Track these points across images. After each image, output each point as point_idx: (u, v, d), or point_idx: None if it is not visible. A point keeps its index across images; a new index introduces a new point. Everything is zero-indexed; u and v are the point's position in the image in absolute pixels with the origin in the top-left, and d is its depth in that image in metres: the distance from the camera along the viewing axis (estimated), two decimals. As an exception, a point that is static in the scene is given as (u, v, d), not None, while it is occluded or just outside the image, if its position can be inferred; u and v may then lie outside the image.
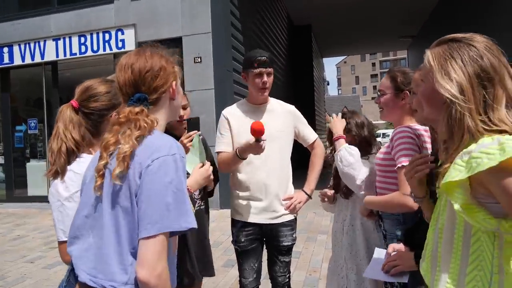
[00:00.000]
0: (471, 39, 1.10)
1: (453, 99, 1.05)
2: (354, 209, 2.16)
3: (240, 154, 2.16)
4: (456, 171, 1.02)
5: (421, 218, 1.66)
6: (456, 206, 1.04)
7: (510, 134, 1.00)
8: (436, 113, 1.15)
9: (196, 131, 2.11)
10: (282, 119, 2.39)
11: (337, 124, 2.20)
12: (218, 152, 2.36)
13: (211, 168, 1.83)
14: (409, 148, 1.68)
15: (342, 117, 2.27)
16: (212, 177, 1.90)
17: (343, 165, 2.04)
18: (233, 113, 2.41)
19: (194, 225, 1.10)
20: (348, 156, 2.03)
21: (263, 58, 2.28)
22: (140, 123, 1.16)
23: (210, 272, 2.43)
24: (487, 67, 1.05)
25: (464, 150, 1.03)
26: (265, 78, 2.28)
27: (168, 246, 1.10)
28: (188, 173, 1.90)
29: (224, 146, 2.34)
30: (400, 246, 1.65)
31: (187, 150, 2.13)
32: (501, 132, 1.01)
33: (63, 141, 1.45)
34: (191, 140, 2.11)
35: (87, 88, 1.53)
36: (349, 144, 2.12)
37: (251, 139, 2.06)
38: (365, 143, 2.18)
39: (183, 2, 7.58)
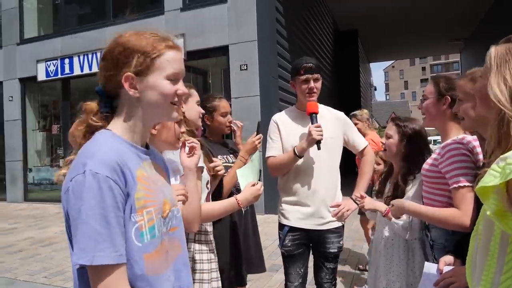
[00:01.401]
0: None
1: (501, 106, 1.03)
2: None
3: (298, 152, 2.22)
4: (491, 177, 1.01)
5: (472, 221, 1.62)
6: (489, 212, 1.02)
7: None
8: (487, 112, 1.12)
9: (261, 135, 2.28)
10: (332, 126, 2.40)
11: (373, 204, 2.12)
12: (268, 157, 2.41)
13: (262, 187, 1.86)
14: (465, 167, 1.63)
15: (393, 122, 2.21)
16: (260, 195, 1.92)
17: (400, 232, 2.03)
18: (283, 119, 2.46)
19: (84, 262, 0.89)
20: (403, 227, 2.01)
21: (309, 64, 2.32)
22: (82, 126, 1.06)
23: (261, 269, 2.51)
24: None
25: (502, 156, 1.01)
26: (312, 84, 2.32)
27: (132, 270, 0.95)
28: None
29: (274, 151, 2.39)
30: (450, 259, 1.61)
31: (255, 150, 2.26)
32: None
33: None
34: (260, 141, 2.28)
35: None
36: (406, 154, 2.09)
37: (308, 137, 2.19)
38: (422, 154, 2.07)
39: (230, 11, 7.79)
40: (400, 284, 2.01)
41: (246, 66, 7.58)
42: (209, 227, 1.89)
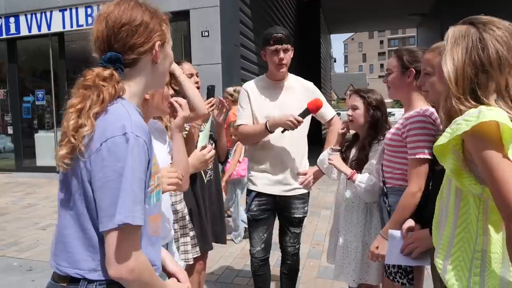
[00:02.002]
0: (489, 25, 1.12)
1: (447, 80, 1.12)
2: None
3: (270, 127, 2.25)
4: (443, 137, 1.11)
5: (428, 194, 1.73)
6: (447, 170, 1.14)
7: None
8: (443, 87, 1.19)
9: (214, 97, 2.22)
10: (301, 96, 2.43)
11: (341, 165, 2.16)
12: (239, 125, 2.42)
13: (211, 152, 1.84)
14: (425, 140, 1.71)
15: (357, 94, 2.26)
16: (210, 161, 1.90)
17: (362, 194, 2.09)
18: (253, 87, 2.46)
19: (133, 220, 0.93)
20: (365, 190, 2.06)
21: (278, 35, 2.30)
22: (104, 94, 0.99)
23: (222, 240, 2.56)
24: (484, 59, 1.09)
25: (454, 120, 1.11)
26: (281, 54, 2.32)
27: (141, 232, 0.99)
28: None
29: (245, 119, 2.41)
30: (412, 225, 1.71)
31: (208, 116, 2.20)
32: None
33: None
34: (212, 106, 2.21)
35: None
36: (373, 123, 2.15)
37: (284, 115, 2.19)
38: (385, 120, 2.19)
39: (191, -26, 7.46)
40: (356, 243, 2.13)
41: (208, 33, 7.38)
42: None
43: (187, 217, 2.16)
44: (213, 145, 2.43)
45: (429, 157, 1.70)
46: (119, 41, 1.04)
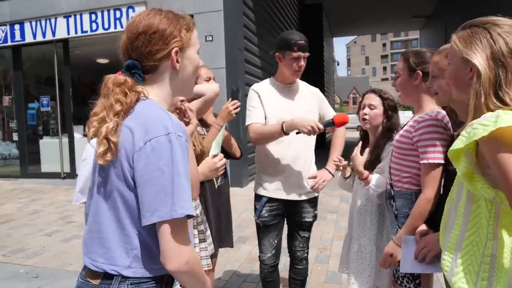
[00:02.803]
0: (490, 23, 1.15)
1: (481, 71, 1.10)
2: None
3: (287, 129, 2.19)
4: (459, 141, 1.11)
5: (440, 197, 1.70)
6: (459, 173, 1.13)
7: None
8: (463, 94, 1.20)
9: (239, 100, 2.21)
10: (309, 100, 2.44)
11: (359, 166, 2.12)
12: (249, 124, 2.37)
13: (223, 160, 1.81)
14: (437, 145, 1.68)
15: (376, 94, 2.24)
16: (220, 169, 1.90)
17: (375, 197, 2.07)
18: (263, 89, 2.43)
19: (192, 212, 1.01)
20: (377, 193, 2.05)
21: (302, 42, 2.29)
22: (114, 97, 1.05)
23: (230, 244, 2.54)
24: (498, 52, 1.10)
25: (470, 122, 1.10)
26: (302, 62, 2.32)
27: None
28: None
29: (257, 118, 2.35)
30: (424, 230, 1.69)
31: (231, 117, 2.20)
32: None
33: None
34: (237, 108, 2.19)
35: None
36: (391, 123, 2.16)
37: (306, 119, 2.17)
38: (393, 130, 2.17)
39: (195, -21, 7.49)
40: (371, 248, 2.11)
41: (212, 37, 7.40)
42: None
43: (205, 224, 2.13)
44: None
45: (441, 161, 1.67)
46: (135, 50, 1.10)
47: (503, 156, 1.01)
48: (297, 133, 2.19)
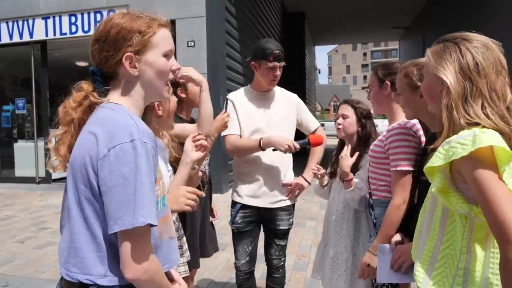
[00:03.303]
0: (460, 38, 1.19)
1: (449, 85, 1.14)
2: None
3: (264, 145, 2.25)
4: (437, 158, 1.13)
5: (413, 206, 1.73)
6: (434, 189, 1.16)
7: (485, 128, 1.09)
8: (436, 107, 1.24)
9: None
10: (285, 107, 2.45)
11: (345, 164, 2.15)
12: (226, 135, 2.38)
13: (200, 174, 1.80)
14: (406, 152, 1.73)
15: (348, 104, 2.29)
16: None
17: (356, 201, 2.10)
18: (238, 98, 2.44)
19: (154, 221, 0.99)
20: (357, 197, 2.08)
21: (278, 52, 2.31)
22: (65, 104, 1.10)
23: (212, 252, 2.52)
24: (465, 66, 1.14)
25: (446, 139, 1.13)
26: (278, 71, 2.33)
27: (151, 233, 1.04)
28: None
29: (233, 129, 2.38)
30: (399, 238, 1.71)
31: (224, 129, 2.28)
32: (477, 125, 1.10)
33: None
34: (229, 118, 2.28)
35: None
36: (365, 132, 2.21)
37: (283, 137, 2.24)
38: (368, 137, 2.22)
39: (177, -16, 7.47)
40: (347, 255, 2.13)
41: (194, 43, 7.38)
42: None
43: (180, 230, 2.11)
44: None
45: (410, 168, 1.72)
46: (94, 56, 1.12)
47: (481, 174, 1.04)
48: (274, 150, 2.24)
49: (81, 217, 1.03)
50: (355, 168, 2.17)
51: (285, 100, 2.48)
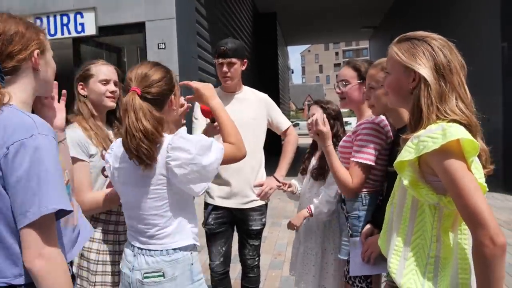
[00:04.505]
0: (428, 37, 1.23)
1: (429, 81, 1.18)
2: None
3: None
4: (407, 152, 1.18)
5: (383, 199, 1.79)
6: (405, 182, 1.20)
7: (459, 123, 1.14)
8: (403, 103, 1.28)
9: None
10: (255, 107, 2.45)
11: (299, 218, 2.22)
12: None
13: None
14: (371, 147, 1.80)
15: (317, 104, 2.33)
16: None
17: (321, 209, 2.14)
18: None
19: (65, 206, 1.03)
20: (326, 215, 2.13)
21: (222, 48, 2.32)
22: None
23: None
24: (441, 63, 1.18)
25: (415, 134, 1.18)
26: (225, 68, 2.32)
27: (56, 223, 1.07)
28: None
29: (198, 131, 2.35)
30: (369, 230, 1.76)
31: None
32: (453, 121, 1.15)
33: (138, 130, 1.36)
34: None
35: (145, 75, 1.44)
36: (333, 132, 2.20)
37: (207, 122, 2.08)
38: (337, 137, 2.25)
39: (146, -14, 7.38)
40: (316, 249, 2.19)
41: (164, 45, 7.30)
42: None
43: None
44: None
45: (370, 163, 1.78)
46: None
47: (452, 165, 1.09)
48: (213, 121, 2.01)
49: None
50: (324, 169, 2.20)
51: (255, 100, 2.49)
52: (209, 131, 1.98)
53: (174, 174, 1.38)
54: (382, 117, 1.87)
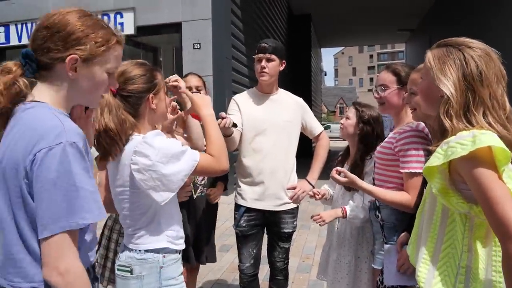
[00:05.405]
0: (464, 45, 1.20)
1: (450, 96, 1.16)
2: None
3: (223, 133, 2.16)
4: (435, 158, 1.16)
5: (416, 206, 1.73)
6: (434, 190, 1.18)
7: (483, 129, 1.11)
8: (432, 109, 1.26)
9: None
10: (291, 110, 2.45)
11: (330, 214, 2.18)
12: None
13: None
14: (418, 155, 1.73)
15: (353, 106, 2.30)
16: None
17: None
18: (242, 98, 2.47)
19: (92, 219, 0.99)
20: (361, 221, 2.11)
21: (263, 44, 2.34)
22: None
23: (212, 259, 2.53)
24: (470, 74, 1.15)
25: (445, 140, 1.15)
26: (263, 63, 2.33)
27: (79, 238, 1.03)
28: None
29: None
30: (404, 239, 1.71)
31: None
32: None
33: (100, 125, 1.38)
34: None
35: (123, 72, 1.46)
36: (362, 136, 2.20)
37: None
38: (376, 138, 2.21)
39: (184, -13, 7.52)
40: (349, 257, 2.15)
41: (199, 45, 7.41)
42: None
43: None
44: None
45: (421, 171, 1.71)
46: (35, 40, 1.06)
47: (481, 173, 1.06)
48: (235, 125, 2.16)
49: (14, 224, 1.00)
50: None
51: (291, 103, 2.49)
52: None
53: (134, 177, 1.39)
54: (423, 124, 1.81)
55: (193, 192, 2.38)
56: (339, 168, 1.94)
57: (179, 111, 1.84)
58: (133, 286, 1.42)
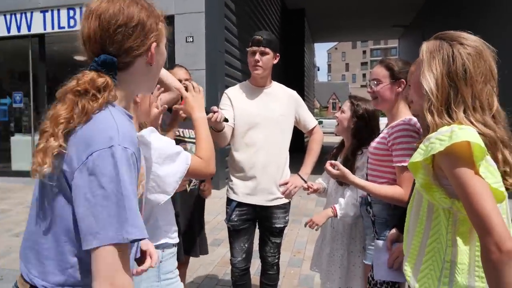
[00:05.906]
0: (456, 41, 1.19)
1: (428, 92, 1.17)
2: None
3: (214, 127, 2.11)
4: (418, 154, 1.17)
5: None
6: (417, 184, 1.19)
7: (463, 124, 1.12)
8: (421, 102, 1.25)
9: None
10: (284, 103, 2.42)
11: (322, 216, 2.19)
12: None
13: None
14: (410, 148, 1.72)
15: (349, 99, 2.28)
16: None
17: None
18: (235, 92, 2.43)
19: (138, 235, 0.89)
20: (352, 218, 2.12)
21: (257, 37, 2.30)
22: (91, 104, 0.92)
23: (204, 251, 2.53)
24: (454, 71, 1.15)
25: (427, 136, 1.16)
26: (257, 56, 2.30)
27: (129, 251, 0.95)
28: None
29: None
30: (395, 235, 1.71)
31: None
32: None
33: None
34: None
35: None
36: (355, 131, 2.18)
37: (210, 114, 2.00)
38: (370, 133, 2.19)
39: (177, -21, 7.44)
40: (342, 251, 2.16)
41: (192, 38, 7.35)
42: None
43: None
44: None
45: None
46: (114, 44, 0.96)
47: (460, 171, 1.07)
48: (226, 120, 2.11)
49: (48, 222, 0.95)
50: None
51: (284, 97, 2.45)
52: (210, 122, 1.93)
53: None
54: (415, 119, 1.81)
55: (187, 185, 2.37)
56: (333, 161, 1.93)
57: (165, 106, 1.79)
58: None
